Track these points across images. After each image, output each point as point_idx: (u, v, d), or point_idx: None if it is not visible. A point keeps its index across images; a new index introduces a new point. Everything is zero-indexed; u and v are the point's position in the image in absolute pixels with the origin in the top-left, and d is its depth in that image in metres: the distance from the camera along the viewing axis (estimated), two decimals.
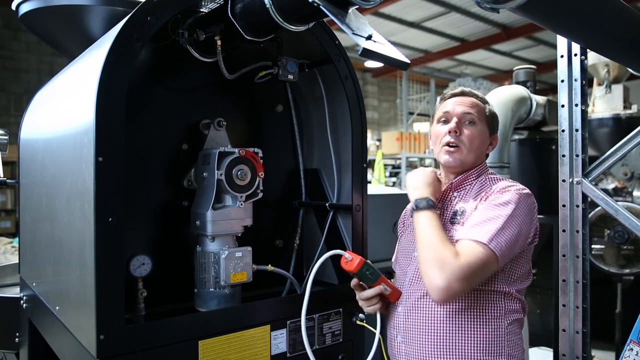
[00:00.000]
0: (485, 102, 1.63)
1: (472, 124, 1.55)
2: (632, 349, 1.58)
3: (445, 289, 1.29)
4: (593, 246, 3.33)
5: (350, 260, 1.43)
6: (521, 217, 1.42)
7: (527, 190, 1.48)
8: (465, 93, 1.62)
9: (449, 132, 1.54)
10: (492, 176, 1.58)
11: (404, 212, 1.79)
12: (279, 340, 1.51)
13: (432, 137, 1.62)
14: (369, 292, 1.49)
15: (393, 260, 1.80)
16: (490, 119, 1.61)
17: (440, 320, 1.43)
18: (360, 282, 1.51)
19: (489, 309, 1.43)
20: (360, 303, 1.54)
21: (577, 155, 1.87)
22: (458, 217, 1.50)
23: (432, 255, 1.34)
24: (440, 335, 1.43)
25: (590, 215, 1.98)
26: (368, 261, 1.46)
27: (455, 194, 1.57)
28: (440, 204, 1.58)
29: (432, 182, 1.52)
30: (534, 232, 1.48)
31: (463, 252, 1.33)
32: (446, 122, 1.58)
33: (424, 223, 1.41)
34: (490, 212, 1.41)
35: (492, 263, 1.35)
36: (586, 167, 1.87)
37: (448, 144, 1.54)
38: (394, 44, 1.23)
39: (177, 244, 1.68)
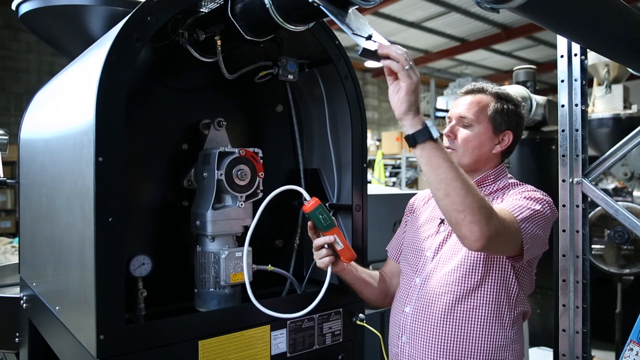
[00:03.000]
0: (498, 97, 1.56)
1: (468, 127, 1.55)
2: (632, 349, 1.58)
3: (488, 237, 1.21)
4: (593, 246, 3.32)
5: (308, 201, 1.45)
6: (547, 222, 1.43)
7: (547, 198, 1.48)
8: (469, 91, 1.60)
9: (446, 135, 1.57)
10: (513, 181, 1.58)
11: (412, 200, 1.79)
12: (279, 340, 1.51)
13: None
14: (319, 240, 1.48)
15: (390, 248, 1.80)
16: (496, 116, 1.55)
17: (449, 326, 1.44)
18: (316, 230, 1.49)
19: (499, 317, 1.44)
20: (314, 254, 1.52)
21: (577, 155, 1.87)
22: None
23: (479, 203, 1.21)
24: (448, 342, 1.43)
25: (590, 215, 1.98)
26: (325, 206, 1.46)
27: None
28: None
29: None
30: (547, 242, 1.49)
31: (502, 213, 1.29)
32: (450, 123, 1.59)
33: (442, 162, 1.21)
34: (524, 201, 1.40)
35: (517, 243, 1.34)
36: (586, 167, 1.87)
37: (446, 148, 1.55)
38: (394, 44, 1.23)
39: (177, 244, 1.68)
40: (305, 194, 1.46)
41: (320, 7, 1.15)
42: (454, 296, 1.44)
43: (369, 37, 1.20)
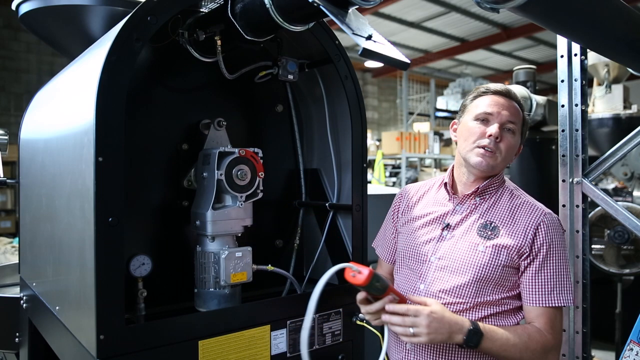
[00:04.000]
0: (523, 108, 1.56)
1: (512, 133, 1.49)
2: (632, 349, 1.58)
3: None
4: (593, 246, 3.33)
5: (359, 272, 1.27)
6: (567, 255, 1.49)
7: (558, 218, 1.50)
8: (511, 95, 1.53)
9: (489, 135, 1.47)
10: (513, 188, 1.55)
11: (402, 194, 1.73)
12: (279, 340, 1.51)
13: (463, 132, 1.53)
14: (377, 306, 1.36)
15: (380, 249, 1.75)
16: (524, 130, 1.55)
17: None
18: (368, 296, 1.39)
19: (507, 325, 1.44)
20: (367, 317, 1.42)
21: (577, 155, 1.87)
22: (488, 232, 1.46)
23: (530, 355, 1.36)
24: (455, 349, 1.41)
25: (590, 215, 1.98)
26: (376, 271, 1.32)
27: (477, 199, 1.53)
28: (460, 207, 1.54)
29: (451, 318, 1.35)
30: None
31: (551, 326, 1.40)
32: (485, 122, 1.49)
33: (492, 347, 1.35)
34: (558, 270, 1.43)
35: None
36: (586, 167, 1.87)
37: (484, 147, 1.47)
38: (394, 44, 1.23)
39: (177, 244, 1.68)
40: (354, 266, 1.28)
41: (320, 7, 1.15)
42: (464, 307, 1.43)
43: (369, 37, 1.19)
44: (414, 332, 1.31)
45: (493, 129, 1.46)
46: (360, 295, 1.41)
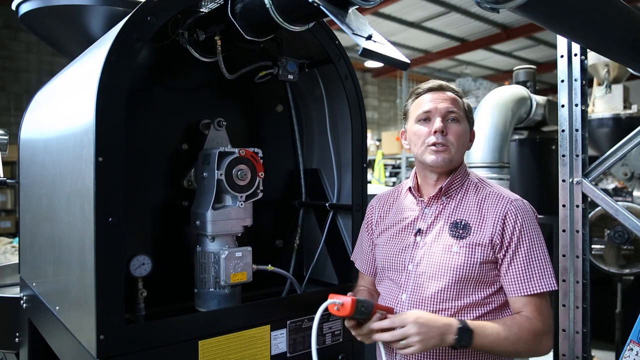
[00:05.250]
0: (461, 95, 1.54)
1: (457, 122, 1.48)
2: (632, 349, 1.58)
3: (550, 346, 1.42)
4: (593, 246, 3.33)
5: (341, 304, 1.25)
6: (542, 239, 1.47)
7: (528, 204, 1.48)
8: (444, 87, 1.52)
9: (435, 132, 1.45)
10: (477, 181, 1.52)
11: (372, 205, 1.66)
12: (279, 340, 1.51)
13: (412, 137, 1.52)
14: (368, 328, 1.33)
15: (359, 262, 1.67)
16: (469, 114, 1.53)
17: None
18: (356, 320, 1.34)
19: None
20: (359, 338, 1.37)
21: (577, 155, 1.87)
22: (460, 231, 1.43)
23: (524, 345, 1.37)
24: (444, 356, 1.40)
25: (590, 215, 1.98)
26: (358, 297, 1.29)
27: (444, 198, 1.49)
28: (429, 210, 1.50)
29: (438, 320, 1.33)
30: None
31: (538, 312, 1.40)
32: (427, 121, 1.48)
33: (485, 343, 1.34)
34: (534, 256, 1.42)
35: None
36: (586, 167, 1.87)
37: (434, 144, 1.45)
38: (394, 44, 1.23)
39: (177, 244, 1.68)
40: (337, 300, 1.27)
41: (320, 7, 1.15)
42: (450, 313, 1.40)
43: (369, 37, 1.19)
44: (406, 343, 1.28)
45: (436, 124, 1.45)
46: (349, 323, 1.36)
